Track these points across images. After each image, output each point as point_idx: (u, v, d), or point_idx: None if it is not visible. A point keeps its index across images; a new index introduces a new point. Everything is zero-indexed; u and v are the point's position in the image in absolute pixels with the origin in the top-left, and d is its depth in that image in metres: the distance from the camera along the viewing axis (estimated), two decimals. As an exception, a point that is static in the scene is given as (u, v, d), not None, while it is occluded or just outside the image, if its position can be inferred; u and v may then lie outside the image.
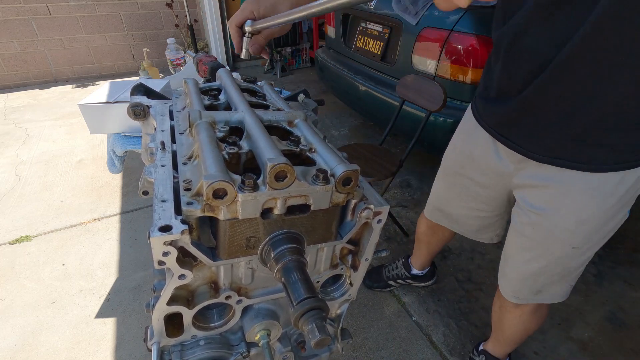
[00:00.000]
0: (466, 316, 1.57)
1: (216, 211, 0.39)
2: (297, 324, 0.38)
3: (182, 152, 0.51)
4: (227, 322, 0.52)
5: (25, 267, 1.78)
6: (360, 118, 3.47)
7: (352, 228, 0.49)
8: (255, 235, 0.43)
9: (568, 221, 0.82)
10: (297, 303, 0.38)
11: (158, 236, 0.36)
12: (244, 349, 0.54)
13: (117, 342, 1.44)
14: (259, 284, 0.51)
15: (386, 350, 1.43)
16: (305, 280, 0.41)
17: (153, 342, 0.48)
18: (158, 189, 0.43)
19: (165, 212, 0.39)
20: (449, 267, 1.82)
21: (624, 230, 2.06)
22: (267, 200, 0.40)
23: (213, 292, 0.48)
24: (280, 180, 0.39)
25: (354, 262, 0.55)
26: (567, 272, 0.92)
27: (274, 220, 0.43)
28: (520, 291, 0.99)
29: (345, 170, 0.42)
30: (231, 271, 0.47)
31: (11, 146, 2.92)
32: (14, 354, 1.39)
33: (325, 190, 0.42)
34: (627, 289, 1.70)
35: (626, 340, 1.47)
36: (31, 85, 4.36)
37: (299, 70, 5.07)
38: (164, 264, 0.39)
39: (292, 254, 0.43)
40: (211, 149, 0.44)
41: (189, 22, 4.35)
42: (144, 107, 0.67)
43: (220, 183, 0.37)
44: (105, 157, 2.54)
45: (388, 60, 2.32)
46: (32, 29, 4.14)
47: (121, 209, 2.21)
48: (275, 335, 0.56)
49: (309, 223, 0.45)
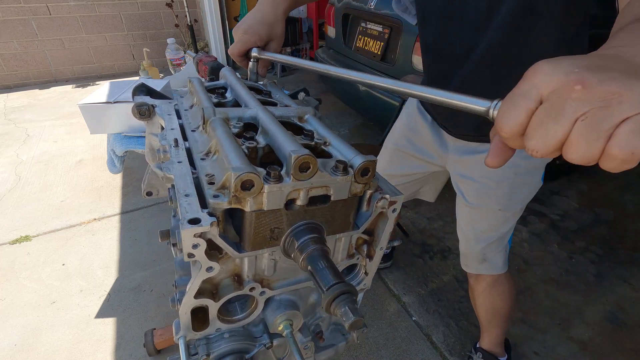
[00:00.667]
0: (466, 316, 1.57)
1: (243, 203, 0.40)
2: (329, 308, 0.39)
3: (197, 149, 0.52)
4: (250, 313, 0.53)
5: (25, 267, 1.78)
6: (360, 118, 3.47)
7: (368, 218, 0.50)
8: (279, 226, 0.44)
9: (490, 183, 0.97)
10: (327, 289, 0.39)
11: (188, 228, 0.37)
12: (266, 340, 0.55)
13: (117, 342, 1.44)
14: (280, 275, 0.52)
15: (386, 350, 1.43)
16: (331, 266, 0.42)
17: (179, 337, 0.49)
18: (179, 184, 0.44)
19: (191, 205, 0.40)
20: (449, 267, 1.82)
21: (624, 230, 2.06)
22: (291, 191, 0.42)
23: (237, 285, 0.49)
24: (303, 172, 0.40)
25: (369, 252, 0.56)
26: (500, 237, 1.06)
27: (296, 212, 0.44)
28: (468, 259, 1.14)
29: (364, 161, 0.44)
30: (255, 263, 0.49)
31: (11, 146, 2.92)
32: (14, 354, 1.39)
33: (345, 180, 0.44)
34: (627, 289, 1.70)
35: (626, 340, 1.47)
36: (31, 85, 4.36)
37: (299, 70, 5.07)
38: (193, 256, 0.40)
39: (315, 242, 0.44)
40: (231, 143, 0.45)
41: (189, 22, 4.35)
42: (149, 107, 0.68)
43: (248, 175, 0.38)
44: (105, 157, 2.54)
45: (388, 60, 2.32)
46: (32, 29, 4.14)
47: (121, 209, 2.21)
48: (297, 325, 0.57)
49: (328, 213, 0.46)
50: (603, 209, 2.24)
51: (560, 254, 1.91)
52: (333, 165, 0.44)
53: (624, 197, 2.34)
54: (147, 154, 0.74)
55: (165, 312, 1.56)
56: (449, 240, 2.00)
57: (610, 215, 2.19)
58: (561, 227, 2.09)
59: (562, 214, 2.20)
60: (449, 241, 1.99)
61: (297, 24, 4.75)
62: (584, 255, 1.90)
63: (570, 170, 2.54)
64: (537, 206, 2.25)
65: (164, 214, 2.14)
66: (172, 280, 1.80)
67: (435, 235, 2.04)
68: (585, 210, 2.24)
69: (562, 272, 1.79)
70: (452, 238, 2.01)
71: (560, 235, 2.03)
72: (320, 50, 3.16)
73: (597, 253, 1.91)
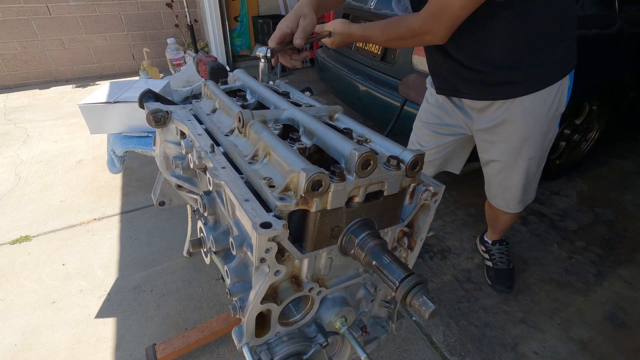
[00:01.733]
0: (466, 316, 1.57)
1: (310, 203, 0.41)
2: (404, 301, 0.40)
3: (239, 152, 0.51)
4: (306, 314, 0.54)
5: (25, 267, 1.78)
6: (361, 118, 3.47)
7: (412, 211, 0.52)
8: (339, 224, 0.45)
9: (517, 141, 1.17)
10: (400, 282, 0.40)
11: (263, 233, 0.37)
12: (322, 340, 0.55)
13: (117, 342, 1.44)
14: (334, 274, 0.53)
15: (386, 350, 1.43)
16: (396, 260, 0.43)
17: (243, 344, 0.49)
18: (234, 189, 0.44)
19: (256, 210, 0.41)
20: (449, 267, 1.82)
21: (624, 230, 2.06)
22: (353, 188, 0.42)
23: (295, 287, 0.49)
24: (365, 168, 0.41)
25: (410, 243, 0.58)
26: (535, 178, 1.31)
27: (354, 209, 0.45)
28: (510, 203, 1.39)
29: (415, 155, 0.45)
30: (314, 263, 0.49)
31: (11, 146, 2.92)
32: (14, 354, 1.39)
33: (398, 175, 0.45)
34: (627, 289, 1.70)
35: (626, 340, 1.47)
36: (31, 85, 4.36)
37: (299, 70, 5.07)
38: (265, 261, 0.41)
39: (374, 238, 0.45)
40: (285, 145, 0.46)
41: (189, 22, 4.35)
42: (165, 113, 0.67)
43: (319, 175, 0.38)
44: (105, 157, 2.54)
45: (388, 60, 2.32)
46: (32, 29, 4.14)
47: (121, 209, 2.21)
48: (350, 321, 0.57)
49: (381, 209, 0.47)
50: (603, 209, 2.24)
51: (560, 254, 1.91)
52: (385, 161, 0.45)
53: (624, 197, 2.34)
54: (161, 162, 0.73)
55: (165, 312, 1.56)
56: (449, 240, 2.00)
57: (610, 215, 2.19)
58: (561, 227, 2.09)
59: (562, 214, 2.20)
60: (449, 241, 1.99)
61: (297, 24, 4.74)
62: (584, 255, 1.90)
63: (570, 170, 2.54)
64: (537, 206, 2.25)
65: (164, 214, 2.14)
66: (172, 280, 1.81)
67: (435, 235, 2.04)
68: (585, 210, 2.24)
69: (562, 272, 1.79)
70: (452, 238, 2.01)
71: (560, 235, 2.03)
72: (320, 51, 3.16)
73: (597, 253, 1.91)
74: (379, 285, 0.58)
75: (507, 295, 1.66)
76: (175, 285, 1.69)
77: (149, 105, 0.69)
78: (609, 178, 2.54)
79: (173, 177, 0.73)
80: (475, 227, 2.08)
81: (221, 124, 0.61)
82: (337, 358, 0.64)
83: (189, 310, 1.57)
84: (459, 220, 2.14)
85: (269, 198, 0.42)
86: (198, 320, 1.51)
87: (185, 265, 1.79)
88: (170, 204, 0.84)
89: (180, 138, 0.68)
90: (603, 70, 2.07)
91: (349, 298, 0.58)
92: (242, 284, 0.50)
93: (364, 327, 0.64)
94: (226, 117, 0.62)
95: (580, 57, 1.10)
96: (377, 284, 0.58)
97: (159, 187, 0.81)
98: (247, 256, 0.49)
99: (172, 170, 0.73)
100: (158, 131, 0.70)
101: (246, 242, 0.46)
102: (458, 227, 2.09)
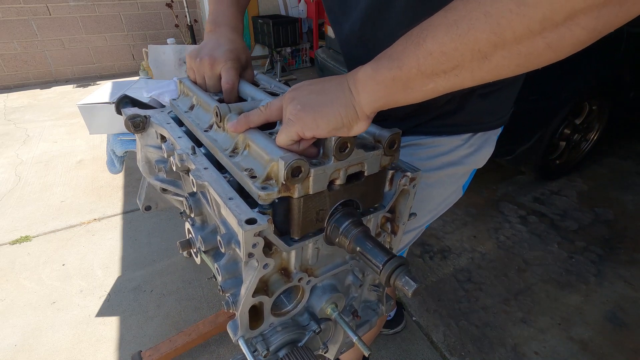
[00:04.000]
0: (466, 316, 1.57)
1: (292, 190, 0.42)
2: (388, 282, 0.42)
3: (220, 147, 0.52)
4: (298, 303, 0.55)
5: (25, 267, 1.78)
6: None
7: (393, 196, 0.53)
8: (323, 207, 0.46)
9: None
10: (383, 265, 0.42)
11: (249, 229, 0.39)
12: (315, 326, 0.57)
13: (117, 342, 1.44)
14: (322, 263, 0.54)
15: (386, 351, 1.43)
16: (378, 245, 0.45)
17: (238, 337, 0.51)
18: (218, 189, 0.46)
19: (241, 207, 0.42)
20: (449, 267, 1.82)
21: (624, 230, 2.06)
22: (333, 171, 0.44)
23: (285, 278, 0.50)
24: (343, 151, 0.43)
25: (393, 228, 0.59)
26: None
27: (337, 191, 0.46)
28: None
29: (391, 134, 0.47)
30: (301, 254, 0.51)
31: (11, 146, 2.92)
32: (14, 354, 1.39)
33: (376, 155, 0.47)
34: (627, 289, 1.70)
35: (626, 340, 1.47)
36: (31, 86, 4.36)
37: (299, 70, 5.08)
38: (253, 256, 0.42)
39: (356, 225, 0.47)
40: (263, 135, 0.47)
41: (189, 22, 4.35)
42: (143, 118, 0.67)
43: (297, 161, 0.39)
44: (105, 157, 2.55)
45: (388, 60, 2.32)
46: (32, 29, 4.14)
47: (121, 209, 2.21)
48: (340, 307, 0.59)
49: (363, 189, 0.49)
50: (603, 209, 2.24)
51: (561, 253, 1.91)
52: (363, 142, 0.47)
53: (624, 197, 2.34)
54: (143, 167, 0.73)
55: (165, 312, 1.56)
56: (449, 240, 2.00)
57: (610, 215, 2.18)
58: (561, 227, 2.09)
59: (562, 214, 2.20)
60: (449, 241, 1.99)
61: (297, 24, 4.75)
62: (584, 255, 1.90)
63: (570, 170, 2.54)
64: (537, 206, 2.25)
65: (164, 214, 2.14)
66: (172, 280, 1.81)
67: (435, 235, 2.04)
68: (585, 210, 2.24)
69: (562, 272, 1.79)
70: (452, 238, 2.01)
71: (560, 235, 2.03)
72: (320, 51, 3.16)
73: (597, 253, 1.91)
74: (366, 270, 0.60)
75: (507, 295, 1.66)
76: (175, 286, 1.69)
77: (126, 111, 0.68)
78: (609, 178, 2.54)
79: (157, 181, 0.73)
80: (476, 227, 2.08)
81: (200, 120, 0.61)
82: (331, 343, 0.66)
83: (189, 310, 1.57)
84: (459, 220, 2.14)
85: (252, 188, 0.43)
86: (198, 321, 1.51)
87: (185, 266, 1.79)
88: (157, 207, 0.84)
89: (161, 142, 0.68)
90: (603, 70, 2.07)
91: (338, 285, 0.60)
92: (234, 280, 0.51)
93: (355, 312, 0.66)
94: (204, 113, 0.62)
95: (580, 57, 1.10)
96: (364, 269, 0.60)
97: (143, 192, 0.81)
98: (236, 253, 0.50)
99: (155, 175, 0.73)
100: (138, 136, 0.69)
101: (234, 239, 0.47)
102: (458, 227, 2.09)
